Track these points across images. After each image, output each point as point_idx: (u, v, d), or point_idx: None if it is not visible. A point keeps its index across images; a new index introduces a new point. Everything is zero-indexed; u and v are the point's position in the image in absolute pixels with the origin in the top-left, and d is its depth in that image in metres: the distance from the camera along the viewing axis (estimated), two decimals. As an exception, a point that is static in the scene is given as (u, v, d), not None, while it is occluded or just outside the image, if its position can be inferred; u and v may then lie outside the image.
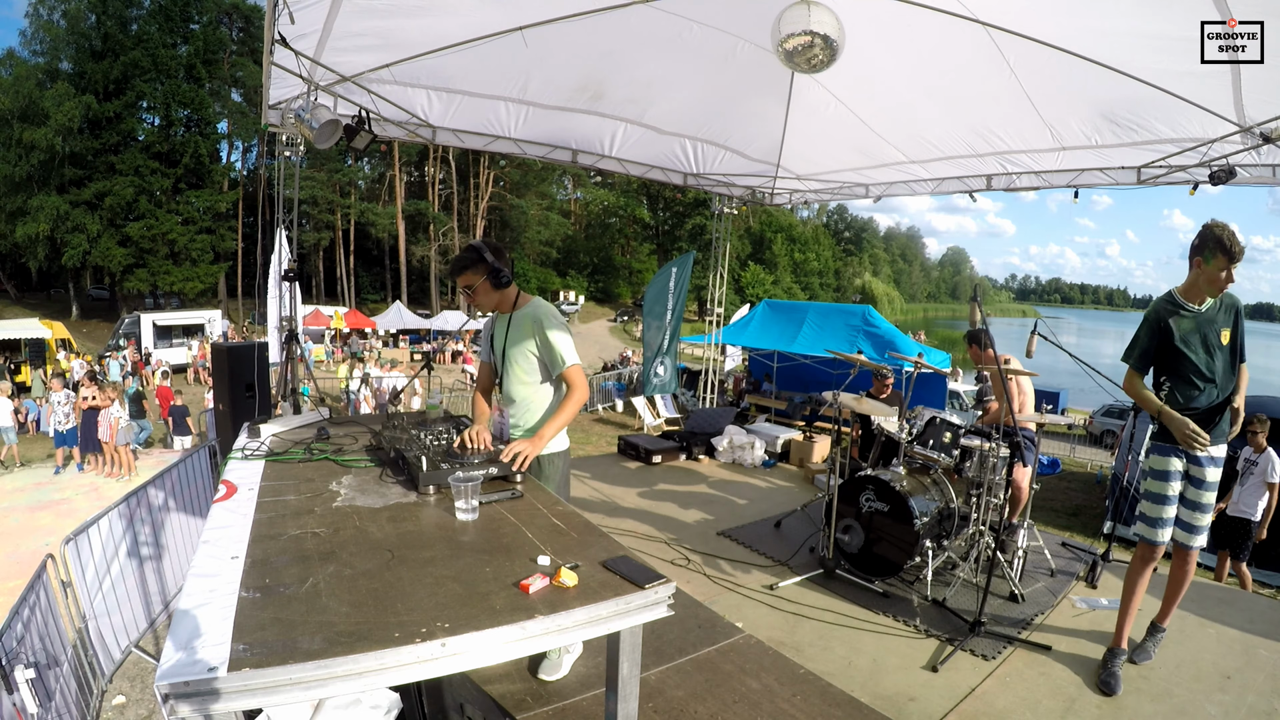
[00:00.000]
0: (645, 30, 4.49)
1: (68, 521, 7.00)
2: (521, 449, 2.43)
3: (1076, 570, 4.84)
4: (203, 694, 1.19)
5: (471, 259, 2.75)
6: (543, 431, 2.61)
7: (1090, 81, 4.21)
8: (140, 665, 4.04)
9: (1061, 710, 3.13)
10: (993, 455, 4.32)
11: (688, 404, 12.52)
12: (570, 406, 2.70)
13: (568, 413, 2.69)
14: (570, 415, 2.71)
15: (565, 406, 2.69)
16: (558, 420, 2.67)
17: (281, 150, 5.73)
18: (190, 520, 5.27)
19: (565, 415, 2.68)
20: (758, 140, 6.78)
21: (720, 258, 9.33)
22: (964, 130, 5.67)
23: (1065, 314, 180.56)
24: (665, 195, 49.79)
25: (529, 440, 2.52)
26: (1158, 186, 5.57)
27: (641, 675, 1.80)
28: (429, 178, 43.24)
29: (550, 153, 6.71)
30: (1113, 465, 7.65)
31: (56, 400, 10.67)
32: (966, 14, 3.81)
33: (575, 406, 2.72)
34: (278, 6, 3.28)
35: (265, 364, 5.95)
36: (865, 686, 3.21)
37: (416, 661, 1.33)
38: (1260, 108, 4.02)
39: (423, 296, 42.74)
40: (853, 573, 4.44)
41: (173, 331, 23.97)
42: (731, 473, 7.48)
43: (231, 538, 1.80)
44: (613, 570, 1.69)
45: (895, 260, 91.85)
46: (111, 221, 30.38)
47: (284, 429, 3.10)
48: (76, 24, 30.01)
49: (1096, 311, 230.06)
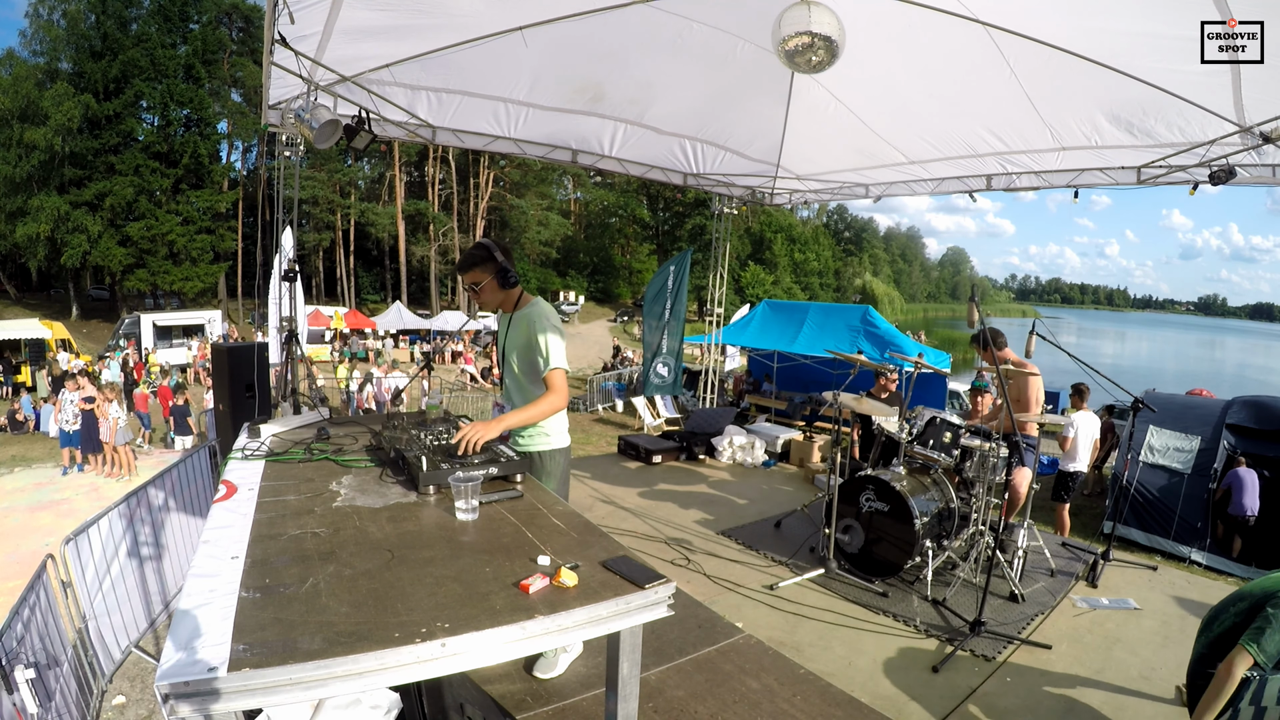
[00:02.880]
0: (645, 30, 4.49)
1: (68, 521, 7.00)
2: (473, 432, 2.37)
3: (1076, 570, 4.84)
4: (203, 694, 1.19)
5: (481, 256, 2.74)
6: (502, 418, 2.56)
7: (1090, 82, 4.21)
8: (140, 665, 4.04)
9: (1062, 710, 3.13)
10: (993, 455, 4.32)
11: (688, 404, 12.52)
12: (543, 405, 2.65)
13: (537, 410, 2.64)
14: (538, 414, 2.66)
15: (538, 403, 2.65)
16: (525, 413, 2.62)
17: (281, 150, 5.73)
18: (190, 520, 5.26)
19: (534, 411, 2.64)
20: (758, 140, 6.78)
21: (720, 258, 9.33)
22: (964, 130, 5.67)
23: (1065, 314, 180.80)
24: (665, 195, 49.77)
25: (483, 423, 2.46)
26: (1157, 186, 5.57)
27: (641, 675, 1.80)
28: (429, 178, 43.20)
29: (550, 153, 6.71)
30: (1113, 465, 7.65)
31: (68, 399, 10.36)
32: (967, 14, 3.81)
33: (548, 408, 2.67)
34: (278, 6, 3.28)
35: (265, 364, 5.95)
36: (865, 687, 3.21)
37: (416, 661, 1.33)
38: (1260, 108, 4.02)
39: (423, 297, 42.72)
40: (853, 573, 4.44)
41: (173, 332, 23.98)
42: (731, 473, 7.48)
43: (231, 538, 1.80)
44: (613, 570, 1.69)
45: (895, 260, 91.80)
46: (111, 221, 30.34)
47: (284, 429, 3.10)
48: (76, 24, 29.98)
49: (1096, 311, 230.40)
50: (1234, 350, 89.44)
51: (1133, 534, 5.80)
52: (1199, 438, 5.97)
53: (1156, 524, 5.76)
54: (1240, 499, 6.11)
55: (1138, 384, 6.70)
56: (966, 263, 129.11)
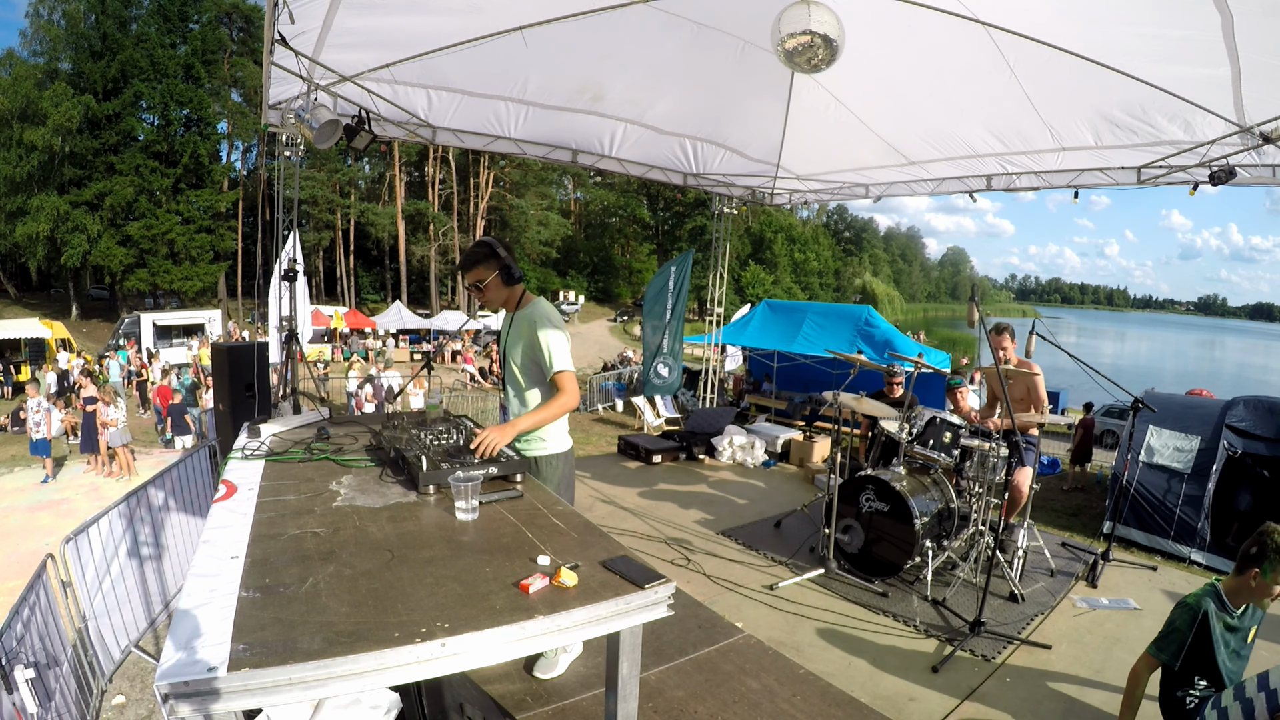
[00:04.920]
0: (645, 30, 4.48)
1: (68, 521, 7.00)
2: (490, 437, 2.38)
3: (1076, 570, 4.84)
4: (203, 694, 1.19)
5: (484, 254, 2.73)
6: (516, 422, 2.57)
7: (1090, 82, 4.22)
8: (140, 665, 4.04)
9: (1062, 710, 3.13)
10: (993, 455, 4.32)
11: (688, 404, 12.51)
12: (554, 407, 2.66)
13: (549, 411, 2.66)
14: (551, 415, 2.68)
15: (550, 405, 2.67)
16: (536, 415, 2.64)
17: (281, 150, 5.73)
18: (190, 520, 5.26)
19: (546, 413, 2.65)
20: (758, 140, 6.78)
21: (720, 258, 9.33)
22: (964, 130, 5.67)
23: (1065, 314, 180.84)
24: (665, 195, 49.72)
25: (499, 427, 2.47)
26: (1157, 186, 5.58)
27: (641, 675, 1.80)
28: (429, 178, 43.17)
29: (550, 153, 6.71)
30: (1113, 465, 7.65)
31: (30, 406, 9.91)
32: (967, 14, 3.81)
33: (559, 409, 2.68)
34: (278, 6, 3.28)
35: (265, 364, 5.95)
36: (865, 687, 3.21)
37: (416, 661, 1.33)
38: (1260, 108, 4.02)
39: (423, 296, 42.72)
40: (853, 573, 4.43)
41: (173, 331, 23.99)
42: (731, 473, 7.48)
43: (231, 538, 1.80)
44: (613, 570, 1.69)
45: (895, 260, 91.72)
46: (111, 221, 30.36)
47: (284, 429, 3.10)
48: (75, 24, 30.00)
49: (1096, 311, 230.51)
50: (1234, 350, 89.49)
51: (1133, 534, 5.80)
52: (1199, 437, 5.95)
53: (1156, 524, 5.75)
54: None
55: (1137, 384, 6.69)
56: (966, 263, 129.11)
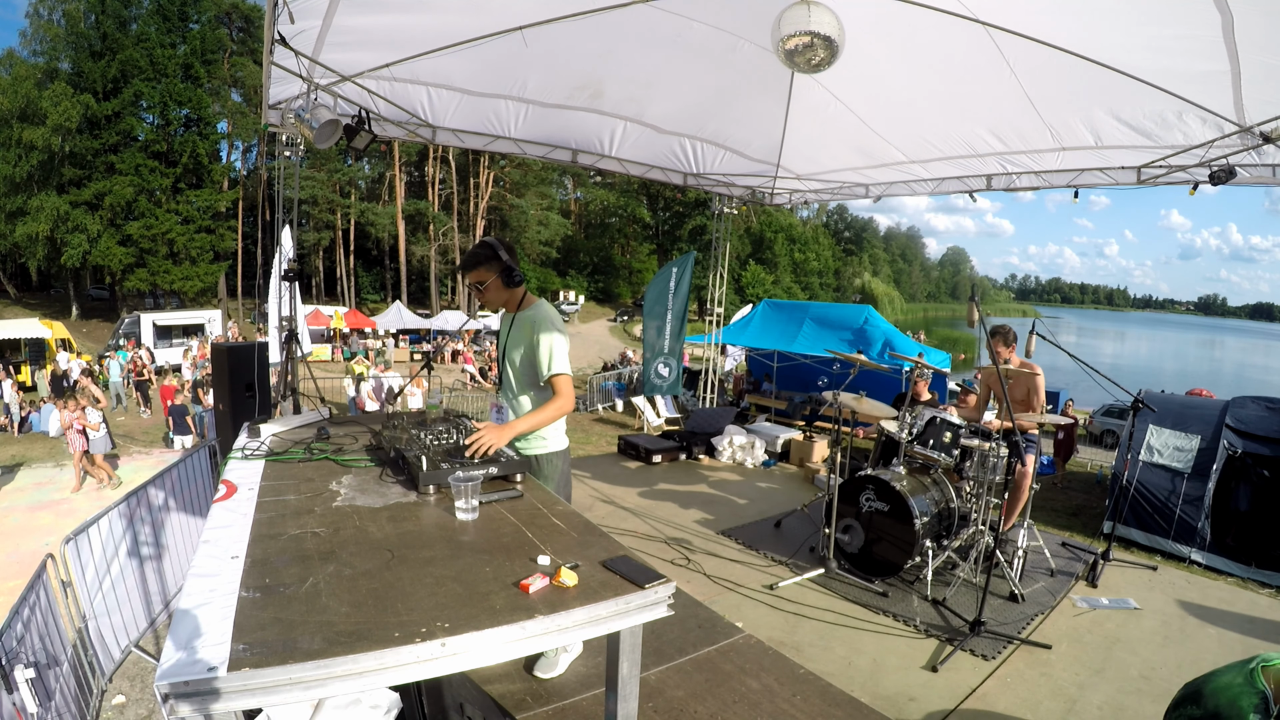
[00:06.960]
0: (645, 29, 4.48)
1: (68, 521, 7.00)
2: (485, 437, 2.37)
3: (1076, 570, 4.84)
4: (203, 694, 1.19)
5: (486, 255, 2.73)
6: (513, 424, 2.58)
7: (1090, 82, 4.21)
8: (140, 665, 4.04)
9: (1062, 711, 3.13)
10: (993, 455, 4.32)
11: (688, 404, 12.51)
12: (551, 410, 2.67)
13: (546, 414, 2.67)
14: (548, 419, 2.68)
15: (547, 407, 2.67)
16: (533, 418, 2.64)
17: (281, 150, 5.73)
18: (190, 520, 5.26)
19: (542, 416, 2.66)
20: (758, 140, 6.77)
21: (720, 258, 9.33)
22: (964, 130, 5.67)
23: (1065, 314, 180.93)
24: (665, 195, 49.71)
25: (496, 428, 2.47)
26: (1157, 186, 5.58)
27: (641, 675, 1.80)
28: (429, 178, 43.17)
29: (550, 152, 6.71)
30: (1113, 465, 7.65)
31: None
32: (967, 14, 3.81)
33: (556, 412, 2.69)
34: (278, 6, 3.28)
35: (265, 364, 5.94)
36: (865, 686, 3.21)
37: (416, 661, 1.33)
38: (1260, 108, 4.02)
39: (423, 296, 42.72)
40: (853, 572, 4.44)
41: (173, 331, 23.97)
42: (731, 473, 7.48)
43: (231, 537, 1.80)
44: (613, 570, 1.69)
45: (895, 260, 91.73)
46: (111, 221, 30.33)
47: (284, 429, 3.10)
48: (75, 24, 30.00)
49: (1096, 311, 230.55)
50: (1234, 350, 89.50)
51: (1133, 534, 5.80)
52: (1199, 437, 5.96)
53: (1156, 524, 5.75)
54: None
55: (1137, 384, 6.69)
56: (966, 262, 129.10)
